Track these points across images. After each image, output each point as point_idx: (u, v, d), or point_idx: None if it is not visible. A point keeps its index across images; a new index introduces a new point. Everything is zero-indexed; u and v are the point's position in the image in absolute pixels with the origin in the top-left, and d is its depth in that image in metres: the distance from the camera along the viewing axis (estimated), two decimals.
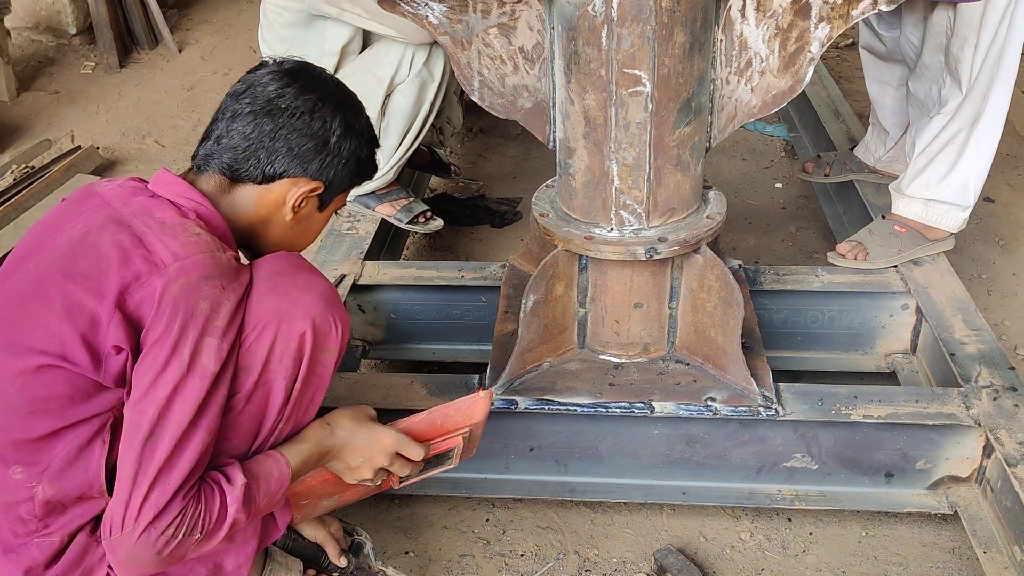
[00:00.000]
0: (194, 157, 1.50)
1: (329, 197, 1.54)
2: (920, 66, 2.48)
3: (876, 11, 1.70)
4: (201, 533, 1.29)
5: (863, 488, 1.99)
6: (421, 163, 3.13)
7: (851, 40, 4.57)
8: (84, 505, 1.37)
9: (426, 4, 1.76)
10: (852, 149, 2.93)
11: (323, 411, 1.54)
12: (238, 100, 1.46)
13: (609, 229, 1.90)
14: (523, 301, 1.91)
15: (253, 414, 1.38)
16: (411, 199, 2.85)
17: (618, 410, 1.92)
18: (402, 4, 1.76)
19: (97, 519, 1.37)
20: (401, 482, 1.67)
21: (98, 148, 3.72)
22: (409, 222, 2.80)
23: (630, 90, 1.74)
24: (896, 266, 2.37)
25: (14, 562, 1.35)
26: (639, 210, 1.87)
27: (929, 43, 2.41)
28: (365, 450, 1.52)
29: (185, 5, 5.46)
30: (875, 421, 1.90)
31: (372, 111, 2.56)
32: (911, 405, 1.93)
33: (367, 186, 2.74)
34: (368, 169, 1.57)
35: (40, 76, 4.51)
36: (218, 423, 1.32)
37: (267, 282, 1.39)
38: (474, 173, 3.64)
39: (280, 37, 2.55)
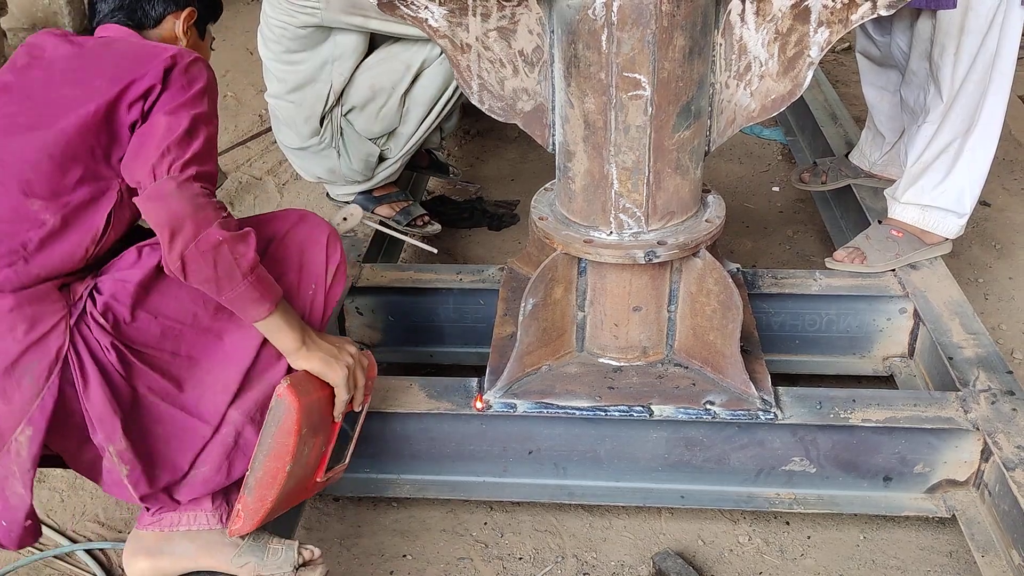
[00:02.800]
0: (94, 22, 1.81)
1: (203, 24, 1.93)
2: (908, 72, 2.49)
3: (875, 15, 1.70)
4: (214, 213, 1.50)
5: (861, 492, 1.99)
6: (420, 165, 3.14)
7: (848, 44, 4.59)
8: (67, 254, 1.54)
9: (426, 7, 1.76)
10: (847, 155, 2.94)
11: None
12: None
13: (608, 232, 1.90)
14: (522, 304, 1.91)
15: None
16: (410, 202, 2.85)
17: (617, 413, 1.92)
18: (402, 7, 1.76)
19: (65, 285, 1.55)
20: (329, 466, 1.73)
21: None
22: (407, 224, 2.80)
23: (630, 94, 1.74)
24: (894, 270, 2.37)
25: None
26: (638, 213, 1.87)
27: (915, 50, 2.42)
28: (333, 339, 1.69)
29: None
30: (873, 425, 1.90)
31: (396, 98, 2.59)
32: (909, 409, 1.93)
33: (369, 183, 2.76)
34: None
35: None
36: (216, 163, 1.61)
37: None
38: (472, 176, 3.64)
39: (286, 48, 2.53)
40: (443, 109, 2.68)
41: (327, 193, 2.85)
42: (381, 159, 2.73)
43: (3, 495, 1.54)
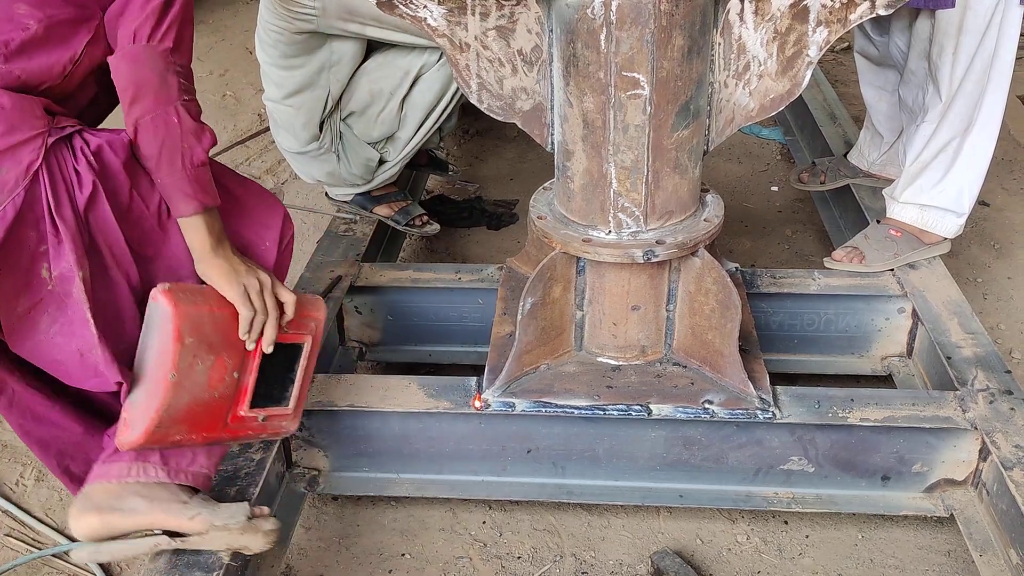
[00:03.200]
0: None
1: None
2: (907, 72, 2.49)
3: (874, 15, 1.70)
4: (179, 93, 1.51)
5: (859, 491, 1.99)
6: (419, 163, 3.14)
7: (847, 44, 4.59)
8: (46, 66, 1.51)
9: (424, 6, 1.76)
10: (845, 155, 2.94)
11: None
12: None
13: (607, 231, 1.90)
14: (521, 303, 1.91)
15: None
16: (408, 202, 2.85)
17: (615, 412, 1.92)
18: (401, 6, 1.76)
19: (49, 111, 1.49)
20: (252, 402, 1.64)
21: None
22: (406, 224, 2.80)
23: (628, 93, 1.74)
24: (892, 270, 2.38)
25: None
26: (637, 213, 1.87)
27: (914, 49, 2.42)
28: (251, 263, 1.63)
29: None
30: (872, 424, 1.91)
31: (395, 103, 2.59)
32: (908, 408, 1.93)
33: (368, 185, 2.76)
34: None
35: None
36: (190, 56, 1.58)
37: None
38: (471, 175, 3.64)
39: (282, 52, 2.51)
40: (441, 113, 2.68)
41: (326, 193, 2.85)
42: (380, 162, 2.73)
43: None
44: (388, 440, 2.03)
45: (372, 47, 2.61)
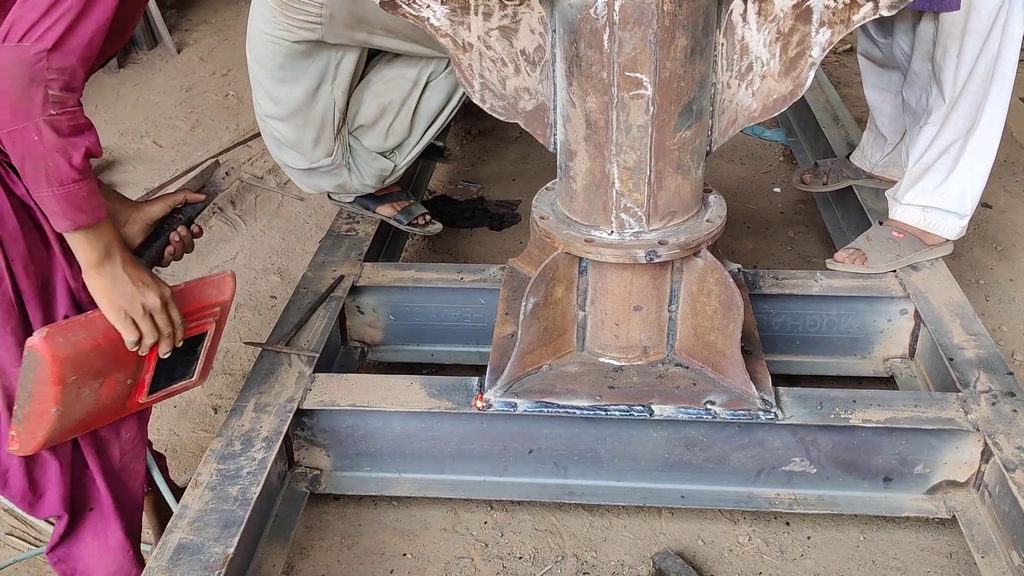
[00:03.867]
0: None
1: None
2: (910, 74, 2.49)
3: (877, 16, 1.70)
4: (42, 107, 1.30)
5: (861, 492, 1.99)
6: None
7: (849, 46, 4.59)
8: None
9: (428, 6, 1.76)
10: (848, 156, 2.94)
11: None
12: None
13: (609, 232, 1.90)
14: (523, 303, 1.91)
15: None
16: (411, 201, 2.85)
17: (617, 413, 1.92)
18: (404, 6, 1.76)
19: None
20: (152, 389, 1.66)
21: None
22: (408, 224, 2.79)
23: (631, 93, 1.74)
24: (895, 271, 2.37)
25: None
26: (640, 213, 1.87)
27: (917, 51, 2.42)
28: (145, 279, 1.52)
29: (184, 6, 5.46)
30: (874, 425, 1.90)
31: (406, 114, 2.55)
32: (910, 410, 1.93)
33: (370, 185, 2.75)
34: None
35: None
36: (103, 36, 1.36)
37: None
38: (473, 175, 3.64)
39: (279, 64, 2.41)
40: (449, 115, 2.66)
41: (328, 194, 2.83)
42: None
43: None
44: (390, 440, 2.03)
45: (371, 56, 2.57)
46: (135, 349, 1.54)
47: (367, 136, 2.59)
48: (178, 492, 1.96)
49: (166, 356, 1.60)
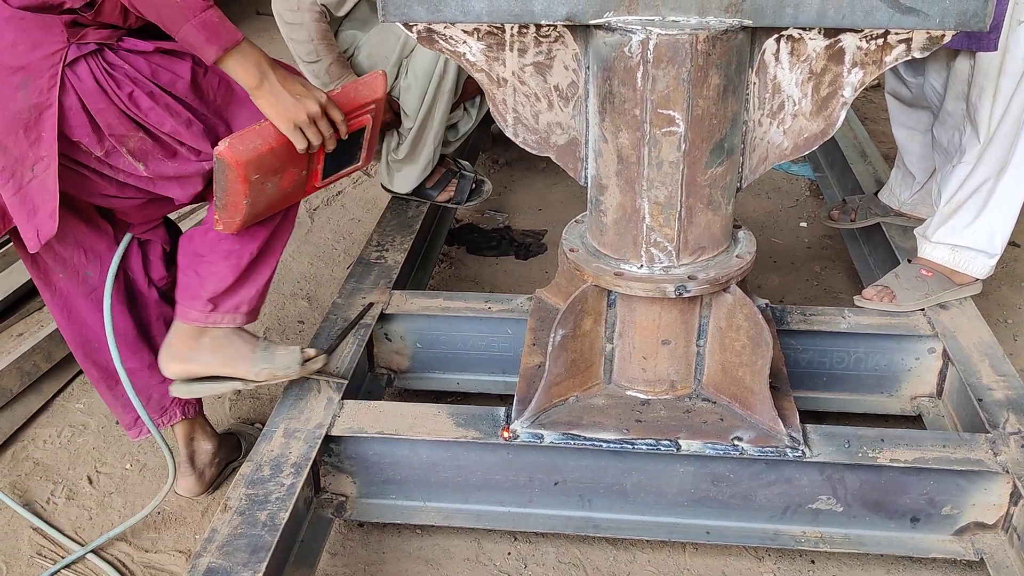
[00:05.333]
0: None
1: None
2: (943, 113, 2.49)
3: (909, 57, 1.71)
4: None
5: (888, 532, 1.98)
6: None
7: (877, 82, 4.59)
8: None
9: (464, 42, 1.79)
10: (876, 193, 2.94)
11: None
12: None
13: (639, 266, 1.91)
14: (551, 335, 1.92)
15: None
16: (458, 178, 3.05)
17: (644, 447, 1.92)
18: (440, 41, 1.79)
19: (74, 24, 1.62)
20: (325, 175, 1.90)
21: None
22: (467, 199, 3.04)
23: (664, 130, 1.76)
24: (923, 309, 2.37)
25: None
26: (669, 248, 1.88)
27: (951, 90, 2.42)
28: (301, 90, 1.72)
29: None
30: (902, 465, 1.89)
31: (391, 65, 2.74)
32: (938, 450, 1.92)
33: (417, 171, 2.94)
34: None
35: None
36: None
37: None
38: (500, 205, 3.67)
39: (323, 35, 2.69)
40: (449, 91, 2.79)
41: (383, 186, 3.02)
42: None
43: (28, 204, 1.68)
44: (416, 468, 2.04)
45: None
46: (304, 152, 1.77)
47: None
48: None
49: (331, 151, 1.83)
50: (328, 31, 2.68)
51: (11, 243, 3.07)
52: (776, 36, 1.73)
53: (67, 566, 2.06)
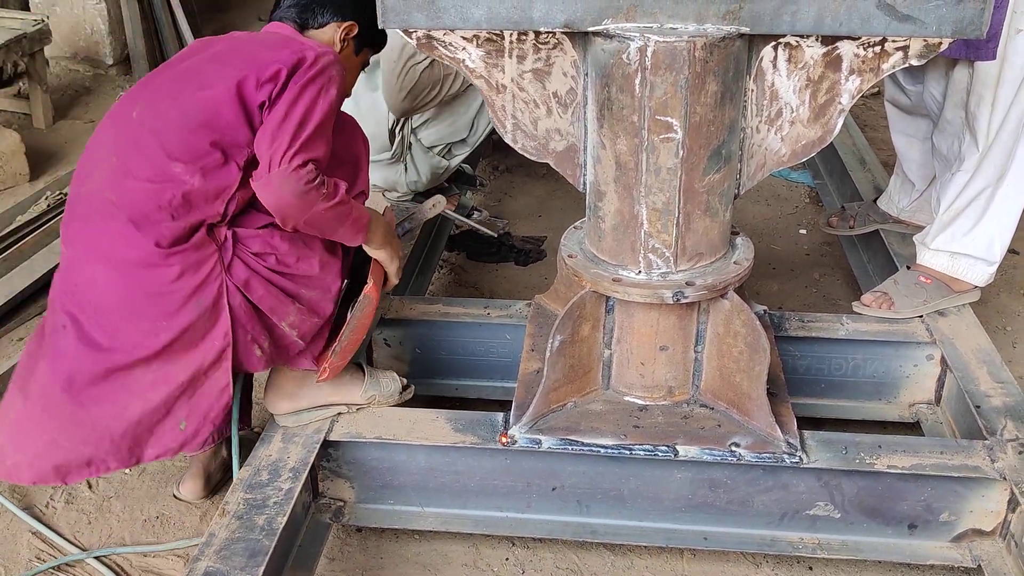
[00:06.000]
0: (271, 16, 2.04)
1: (361, 43, 2.07)
2: (942, 121, 2.50)
3: (906, 65, 1.72)
4: (325, 191, 1.78)
5: (886, 539, 1.98)
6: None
7: (876, 89, 4.60)
8: (209, 207, 1.81)
9: (463, 48, 1.80)
10: (875, 200, 2.95)
11: None
12: None
13: (637, 272, 1.92)
14: (549, 340, 1.93)
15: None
16: (460, 193, 3.13)
17: (642, 452, 1.93)
18: (440, 48, 1.80)
19: (212, 227, 1.83)
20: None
21: None
22: (466, 216, 3.11)
23: (662, 136, 1.77)
24: (921, 316, 2.37)
25: (146, 234, 1.78)
26: (667, 254, 1.89)
27: (950, 98, 2.43)
28: (396, 240, 2.07)
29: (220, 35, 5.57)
30: (899, 471, 1.90)
31: (470, 108, 2.77)
32: (936, 456, 1.92)
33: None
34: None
35: (76, 105, 4.60)
36: (330, 147, 1.83)
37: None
38: (499, 211, 3.67)
39: None
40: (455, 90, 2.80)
41: (383, 192, 3.01)
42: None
43: (198, 408, 1.87)
44: (414, 473, 2.04)
45: None
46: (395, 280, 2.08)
47: (429, 130, 2.69)
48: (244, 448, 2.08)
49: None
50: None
51: (11, 247, 3.09)
52: (773, 43, 1.74)
53: (67, 566, 2.06)
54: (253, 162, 1.80)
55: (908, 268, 2.49)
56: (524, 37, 1.77)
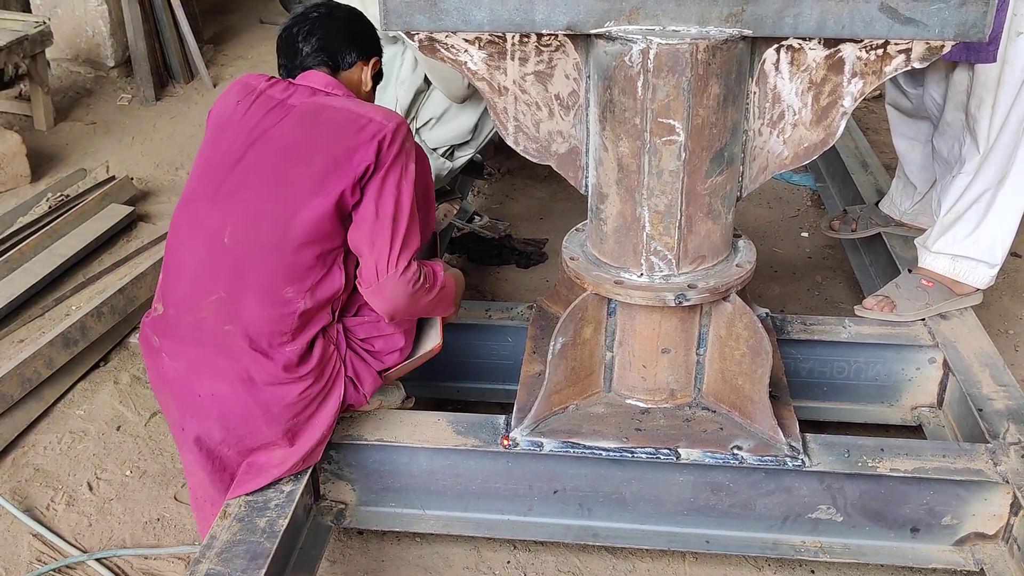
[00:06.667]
0: (288, 68, 2.04)
1: (379, 76, 2.15)
2: (943, 123, 2.50)
3: (909, 68, 1.72)
4: (430, 285, 1.90)
5: (888, 542, 1.97)
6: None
7: (878, 92, 4.60)
8: (322, 316, 1.88)
9: (465, 51, 1.80)
10: (877, 203, 2.94)
11: None
12: (302, 22, 2.03)
13: (639, 274, 1.91)
14: (551, 343, 1.92)
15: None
16: (461, 198, 3.08)
17: (644, 455, 1.92)
18: (442, 50, 1.80)
19: (324, 330, 1.88)
20: None
21: (132, 179, 3.79)
22: (467, 221, 3.07)
23: (664, 139, 1.76)
24: (923, 319, 2.37)
25: (275, 362, 1.82)
26: (669, 256, 1.88)
27: (951, 101, 2.43)
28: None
29: (221, 41, 5.58)
30: (902, 475, 1.89)
31: (474, 108, 2.72)
32: (938, 460, 1.92)
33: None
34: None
35: (78, 107, 4.61)
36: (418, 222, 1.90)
37: None
38: (501, 213, 3.67)
39: None
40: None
41: None
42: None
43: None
44: (415, 476, 2.04)
45: None
46: None
47: (433, 131, 2.69)
48: None
49: None
50: None
51: (12, 248, 3.09)
52: (776, 46, 1.74)
53: (68, 569, 2.06)
54: (349, 258, 1.88)
55: (910, 271, 2.49)
56: (526, 39, 1.77)
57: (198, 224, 1.87)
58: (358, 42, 2.05)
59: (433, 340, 2.10)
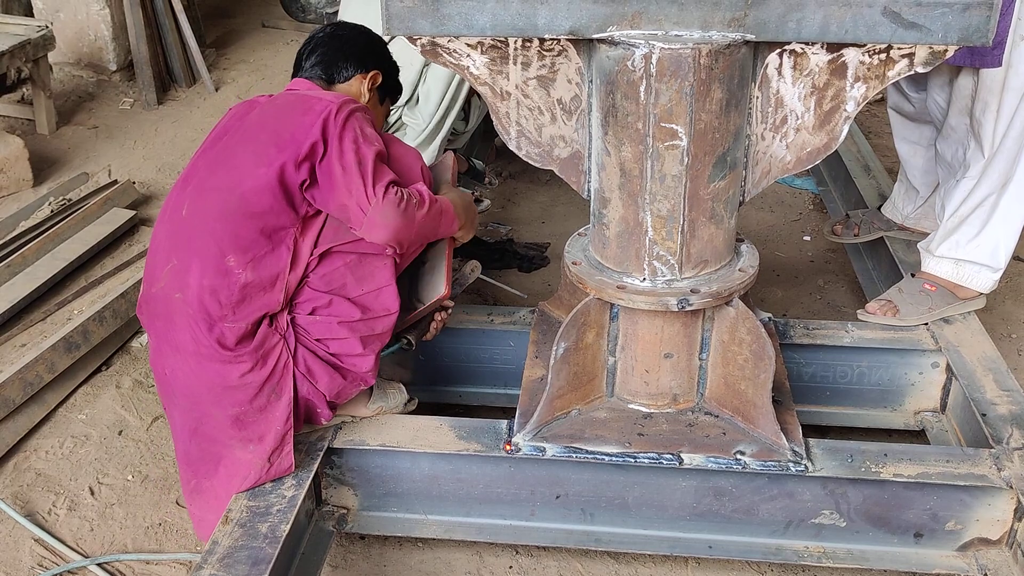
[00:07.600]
0: (293, 75, 2.17)
1: (384, 92, 2.24)
2: (946, 127, 2.49)
3: (912, 72, 1.72)
4: (417, 201, 1.93)
5: (892, 547, 1.97)
6: (459, 170, 3.22)
7: (881, 96, 4.59)
8: (264, 297, 1.86)
9: (468, 55, 1.80)
10: (880, 207, 2.94)
11: None
12: (309, 42, 2.19)
13: (641, 279, 1.91)
14: (554, 348, 1.92)
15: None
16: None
17: (646, 460, 1.92)
18: (444, 55, 1.80)
19: (272, 317, 1.88)
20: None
21: (134, 183, 3.79)
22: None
23: (666, 143, 1.76)
24: (926, 324, 2.36)
25: (213, 334, 1.83)
26: (672, 261, 1.88)
27: (955, 105, 2.43)
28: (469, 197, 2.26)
29: (223, 45, 5.58)
30: (905, 480, 1.89)
31: (412, 74, 2.76)
32: (942, 465, 1.92)
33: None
34: (395, 70, 2.27)
35: (80, 111, 4.61)
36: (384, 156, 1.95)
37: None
38: (503, 217, 3.67)
39: None
40: (463, 93, 2.87)
41: None
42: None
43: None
44: (417, 481, 2.04)
45: None
46: None
47: (415, 109, 2.79)
48: None
49: None
50: None
51: (14, 252, 3.09)
52: (779, 50, 1.74)
53: (69, 574, 2.06)
54: (298, 243, 1.89)
55: (913, 275, 2.48)
56: (529, 44, 1.77)
57: (168, 206, 1.98)
58: (356, 56, 2.15)
59: (439, 289, 2.11)
